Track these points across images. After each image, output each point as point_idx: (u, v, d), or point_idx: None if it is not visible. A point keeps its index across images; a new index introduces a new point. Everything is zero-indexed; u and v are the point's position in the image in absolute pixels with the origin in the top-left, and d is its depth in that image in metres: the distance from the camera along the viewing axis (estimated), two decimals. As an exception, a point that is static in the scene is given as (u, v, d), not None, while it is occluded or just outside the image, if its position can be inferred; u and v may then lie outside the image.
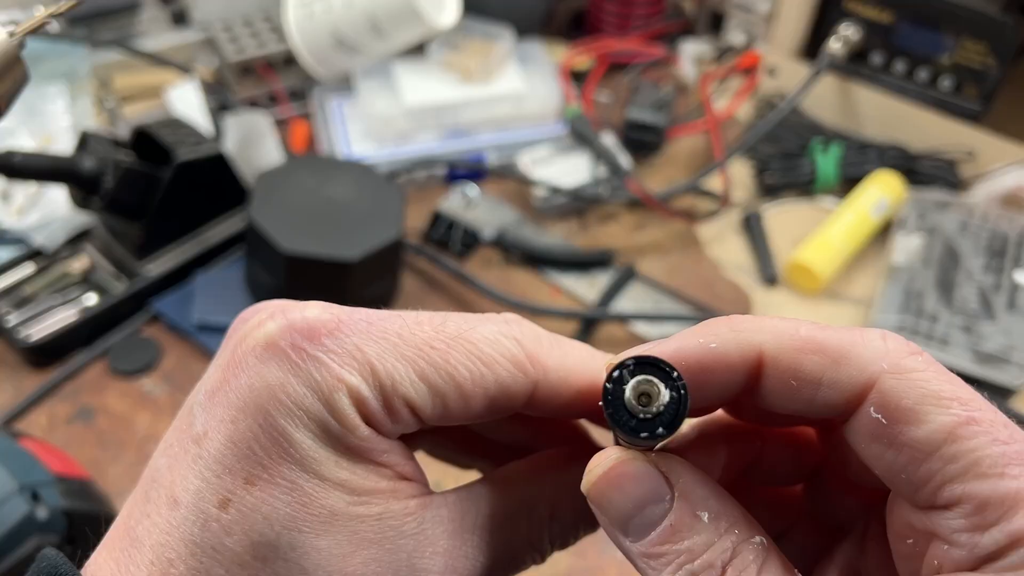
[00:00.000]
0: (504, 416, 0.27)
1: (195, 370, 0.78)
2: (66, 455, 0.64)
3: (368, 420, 0.25)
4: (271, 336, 0.24)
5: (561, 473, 0.29)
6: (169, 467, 0.25)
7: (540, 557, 0.29)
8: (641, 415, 0.23)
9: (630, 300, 0.86)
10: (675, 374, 0.23)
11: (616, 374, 0.23)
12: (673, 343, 0.24)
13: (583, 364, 0.28)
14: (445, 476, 0.29)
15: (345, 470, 0.24)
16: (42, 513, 0.56)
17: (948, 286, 0.83)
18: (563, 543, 0.29)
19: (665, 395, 0.22)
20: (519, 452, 0.31)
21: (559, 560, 0.66)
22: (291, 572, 0.24)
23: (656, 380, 0.23)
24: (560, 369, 0.27)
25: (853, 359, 0.23)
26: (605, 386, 0.23)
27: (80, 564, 0.26)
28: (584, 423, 0.33)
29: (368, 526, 0.25)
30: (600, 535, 0.29)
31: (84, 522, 0.57)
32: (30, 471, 0.57)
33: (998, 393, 0.77)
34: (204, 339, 0.79)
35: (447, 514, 0.26)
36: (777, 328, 0.24)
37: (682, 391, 0.23)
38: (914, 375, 0.22)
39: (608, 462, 0.24)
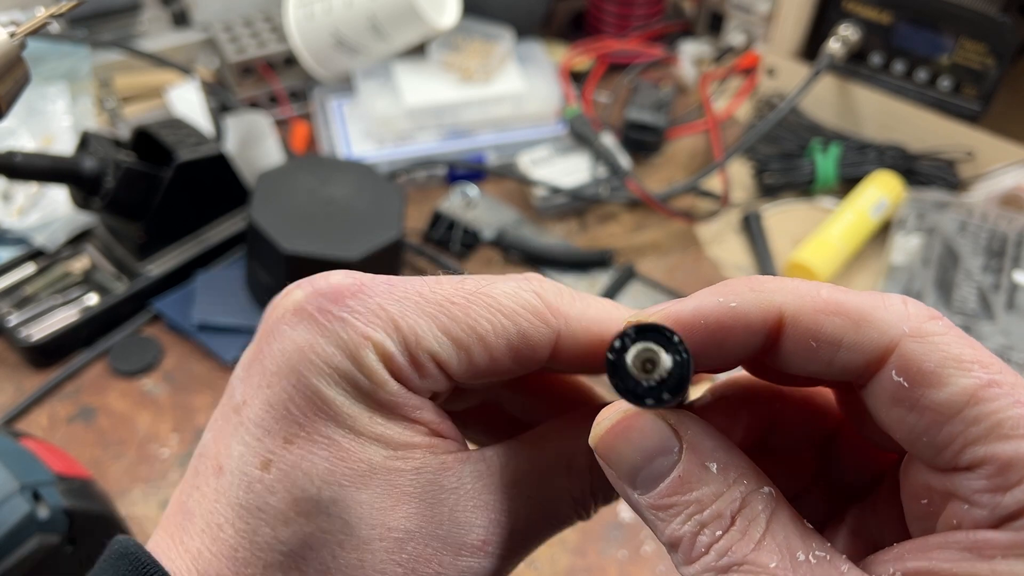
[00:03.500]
0: (532, 370, 0.28)
1: (195, 370, 0.78)
2: (67, 455, 0.64)
3: (396, 375, 0.25)
4: (298, 302, 0.26)
5: None
6: (214, 439, 0.26)
7: (585, 512, 0.29)
8: (645, 382, 0.23)
9: (630, 300, 0.86)
10: (676, 339, 0.23)
11: (618, 343, 0.23)
12: (692, 302, 0.24)
13: (606, 315, 0.28)
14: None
15: (380, 425, 0.25)
16: (43, 513, 0.56)
17: (947, 286, 0.83)
18: (606, 497, 0.29)
19: (667, 361, 0.23)
20: None
21: (559, 559, 0.67)
22: (334, 526, 0.24)
23: (656, 347, 0.23)
24: (582, 319, 0.27)
25: (875, 322, 0.23)
26: (607, 356, 0.23)
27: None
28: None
29: (407, 480, 0.25)
30: (600, 536, 0.29)
31: (85, 521, 0.57)
32: (31, 471, 0.57)
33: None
34: (204, 339, 0.79)
35: (486, 469, 0.27)
36: (798, 289, 0.24)
37: (684, 355, 0.22)
38: (935, 339, 0.22)
39: (616, 415, 0.24)
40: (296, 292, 0.26)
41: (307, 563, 0.24)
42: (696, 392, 0.29)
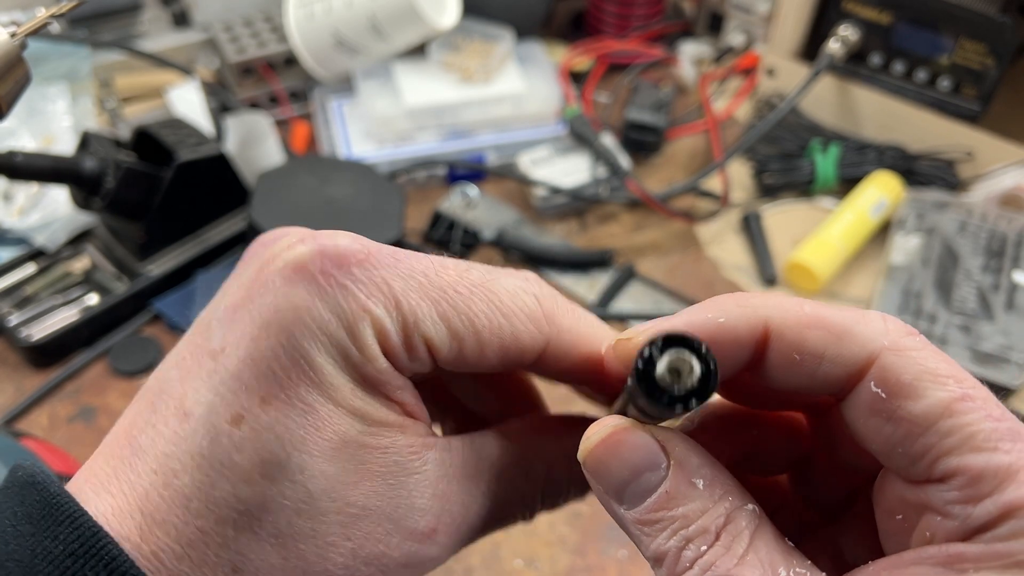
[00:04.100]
0: (514, 369, 0.28)
1: (196, 370, 0.78)
2: (67, 455, 0.64)
3: (387, 353, 0.25)
4: (301, 259, 0.25)
5: (559, 436, 0.30)
6: (181, 379, 0.25)
7: (530, 515, 0.30)
8: (675, 390, 0.23)
9: (630, 300, 0.86)
10: (704, 348, 0.23)
11: (647, 352, 0.23)
12: (682, 318, 0.25)
13: (593, 332, 0.29)
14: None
15: (360, 399, 0.25)
16: (44, 512, 0.56)
17: (947, 286, 0.83)
18: (552, 504, 0.30)
19: (698, 369, 0.23)
20: (485, 423, 0.31)
21: (559, 559, 0.67)
22: (296, 493, 0.24)
23: (688, 354, 0.23)
24: (572, 331, 0.28)
25: (856, 336, 0.24)
26: (636, 365, 0.23)
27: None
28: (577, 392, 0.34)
29: (375, 458, 0.25)
30: (600, 536, 0.29)
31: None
32: (32, 470, 0.57)
33: (997, 393, 0.77)
34: (205, 339, 0.79)
35: (448, 459, 0.27)
36: (783, 304, 0.25)
37: (712, 365, 0.23)
38: (913, 353, 0.23)
39: (606, 430, 0.25)
40: (299, 247, 0.25)
41: (261, 525, 0.24)
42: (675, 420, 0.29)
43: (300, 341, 0.24)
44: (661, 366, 0.23)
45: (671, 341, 0.23)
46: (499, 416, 0.33)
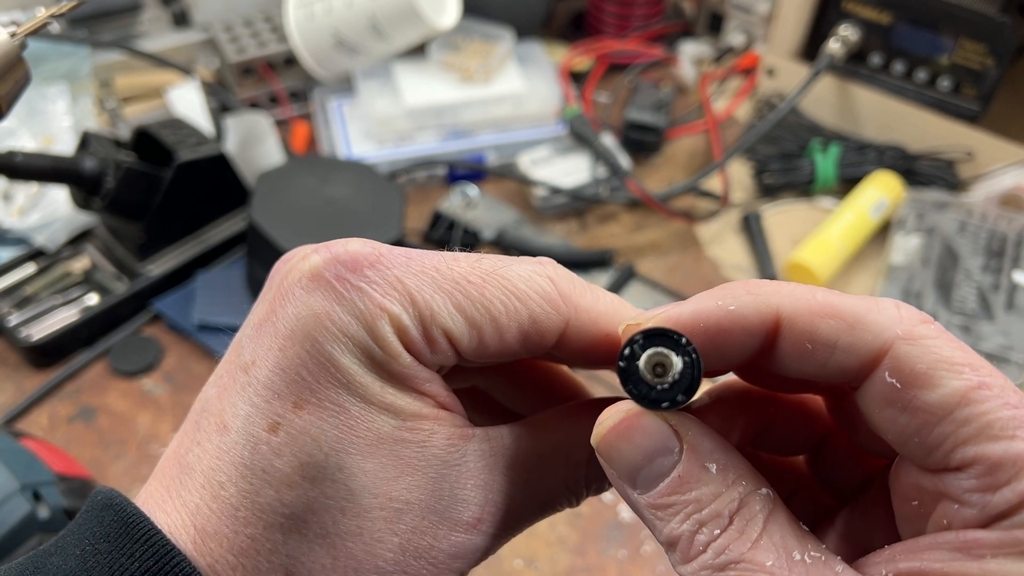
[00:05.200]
0: (536, 355, 0.28)
1: (196, 370, 0.78)
2: (67, 455, 0.64)
3: (409, 348, 0.25)
4: (316, 268, 0.26)
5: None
6: (218, 396, 0.26)
7: (576, 500, 0.30)
8: (659, 386, 0.23)
9: (630, 300, 0.85)
10: (683, 340, 0.23)
11: (628, 351, 0.23)
12: (691, 305, 0.25)
13: (614, 311, 0.29)
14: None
15: (391, 395, 0.25)
16: (43, 512, 0.56)
17: (947, 286, 0.83)
18: (598, 488, 0.30)
19: (678, 363, 0.23)
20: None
21: (559, 559, 0.67)
22: (338, 493, 0.25)
23: (666, 350, 0.23)
24: (591, 311, 0.28)
25: (869, 325, 0.23)
26: (619, 364, 0.24)
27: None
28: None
29: (412, 452, 0.25)
30: (600, 536, 0.29)
31: (85, 521, 0.57)
32: (31, 470, 0.58)
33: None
34: (205, 339, 0.79)
35: (488, 449, 0.27)
36: (794, 292, 0.24)
37: (693, 355, 0.23)
38: (927, 341, 0.23)
39: (618, 415, 0.25)
40: (313, 257, 0.26)
41: (308, 527, 0.25)
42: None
43: (324, 345, 0.25)
44: (643, 363, 0.23)
45: (653, 336, 0.23)
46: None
